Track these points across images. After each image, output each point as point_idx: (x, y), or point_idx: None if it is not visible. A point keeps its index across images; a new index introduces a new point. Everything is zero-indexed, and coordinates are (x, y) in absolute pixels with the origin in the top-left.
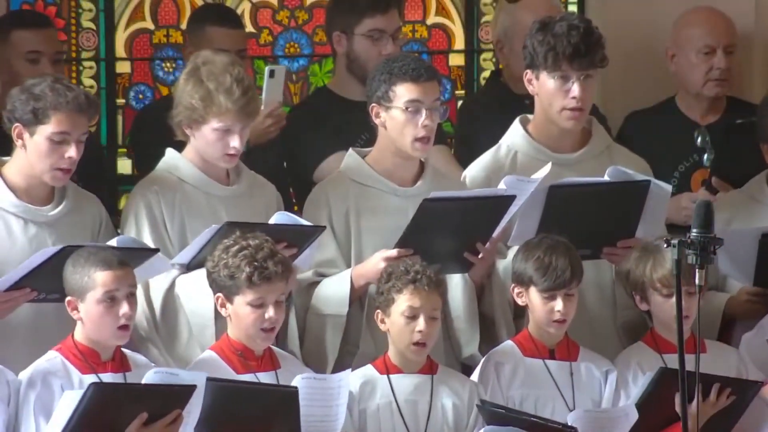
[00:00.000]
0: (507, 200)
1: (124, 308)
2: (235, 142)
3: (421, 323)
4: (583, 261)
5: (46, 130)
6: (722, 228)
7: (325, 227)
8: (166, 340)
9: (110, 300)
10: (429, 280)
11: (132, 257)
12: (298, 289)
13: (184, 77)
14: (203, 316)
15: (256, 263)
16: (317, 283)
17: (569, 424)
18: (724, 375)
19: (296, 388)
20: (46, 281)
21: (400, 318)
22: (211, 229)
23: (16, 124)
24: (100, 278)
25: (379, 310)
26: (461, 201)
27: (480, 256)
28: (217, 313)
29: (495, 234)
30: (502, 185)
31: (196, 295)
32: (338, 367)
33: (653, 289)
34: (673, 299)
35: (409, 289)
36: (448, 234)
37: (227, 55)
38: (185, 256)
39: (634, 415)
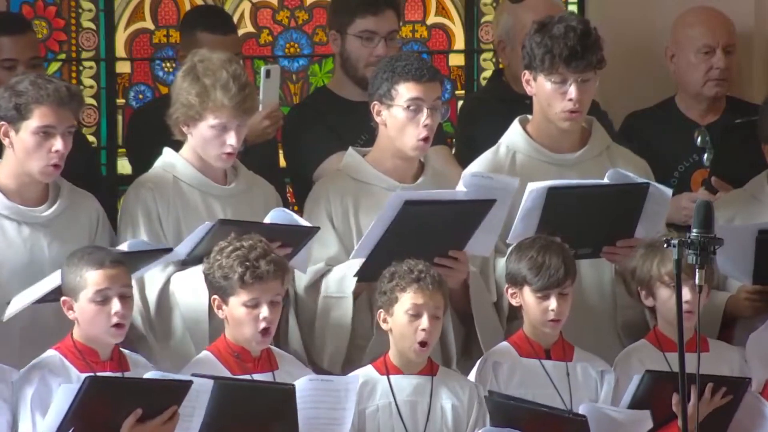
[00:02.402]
0: (487, 204)
1: (116, 307)
2: (231, 140)
3: (424, 322)
4: (583, 261)
5: (31, 125)
6: (721, 225)
7: (319, 228)
8: (160, 338)
9: (102, 299)
10: (433, 280)
11: (144, 259)
12: (307, 283)
13: (181, 75)
14: (197, 313)
15: (247, 263)
16: (326, 274)
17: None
18: (725, 374)
19: (293, 385)
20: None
21: (403, 317)
22: (205, 226)
23: (1, 123)
24: (91, 277)
25: (381, 310)
26: (442, 204)
27: (457, 257)
28: (211, 312)
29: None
30: (460, 185)
31: (190, 292)
32: (348, 363)
33: (661, 282)
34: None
35: (413, 288)
36: (425, 238)
37: (224, 53)
38: (181, 251)
39: (649, 424)
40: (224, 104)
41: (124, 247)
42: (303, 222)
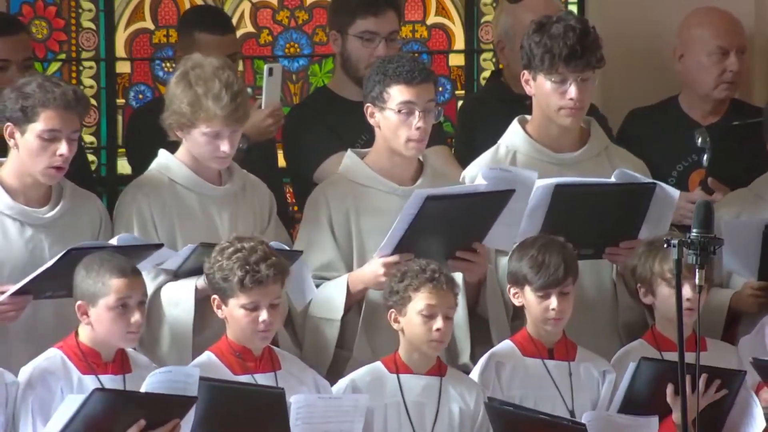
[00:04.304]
0: (506, 195)
1: (136, 316)
2: (224, 147)
3: (439, 322)
4: (585, 261)
5: (36, 128)
6: (727, 219)
7: (302, 252)
8: (147, 345)
9: (122, 307)
10: (447, 279)
11: (135, 254)
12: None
13: (174, 81)
14: (183, 327)
15: (248, 266)
16: (317, 286)
17: (583, 422)
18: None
19: (283, 389)
20: (54, 281)
21: (417, 317)
22: (189, 247)
23: (7, 124)
24: (114, 285)
25: (392, 310)
26: (462, 198)
27: (478, 251)
28: (198, 326)
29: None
30: (480, 179)
31: (178, 305)
32: (332, 372)
33: (662, 279)
34: (682, 290)
35: (427, 288)
36: (445, 231)
37: (218, 59)
38: (173, 263)
39: (655, 427)
40: (216, 114)
41: (113, 241)
42: (285, 247)
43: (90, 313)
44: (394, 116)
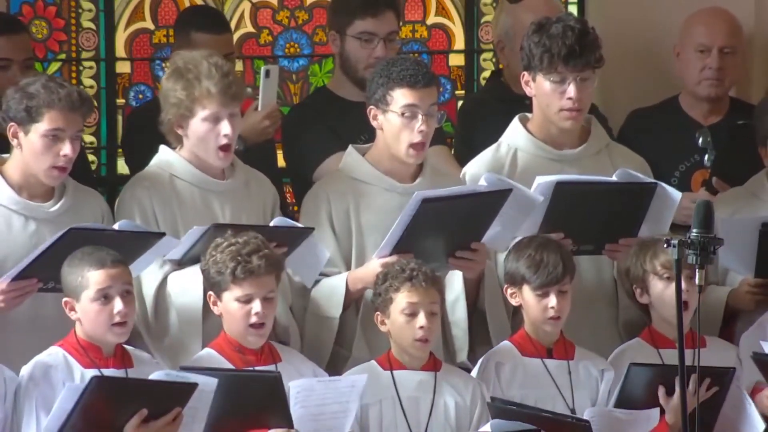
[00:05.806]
0: (503, 194)
1: (119, 306)
2: (225, 129)
3: (421, 319)
4: (584, 257)
5: (40, 128)
6: (723, 218)
7: (313, 228)
8: (155, 336)
9: (104, 298)
10: (425, 277)
11: (137, 241)
12: (298, 289)
13: (165, 77)
14: (191, 314)
15: (239, 258)
16: (316, 283)
17: (585, 418)
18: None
19: (279, 373)
20: (55, 270)
21: (400, 316)
22: (197, 229)
23: (11, 123)
24: (93, 277)
25: (378, 312)
26: (459, 199)
27: (476, 249)
28: (207, 312)
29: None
30: (482, 182)
31: (186, 292)
32: (332, 371)
33: (655, 274)
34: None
35: (406, 287)
36: (444, 232)
37: (206, 50)
38: (177, 252)
39: (656, 420)
40: (210, 92)
41: (115, 226)
42: (297, 224)
43: (76, 309)
44: (397, 119)
